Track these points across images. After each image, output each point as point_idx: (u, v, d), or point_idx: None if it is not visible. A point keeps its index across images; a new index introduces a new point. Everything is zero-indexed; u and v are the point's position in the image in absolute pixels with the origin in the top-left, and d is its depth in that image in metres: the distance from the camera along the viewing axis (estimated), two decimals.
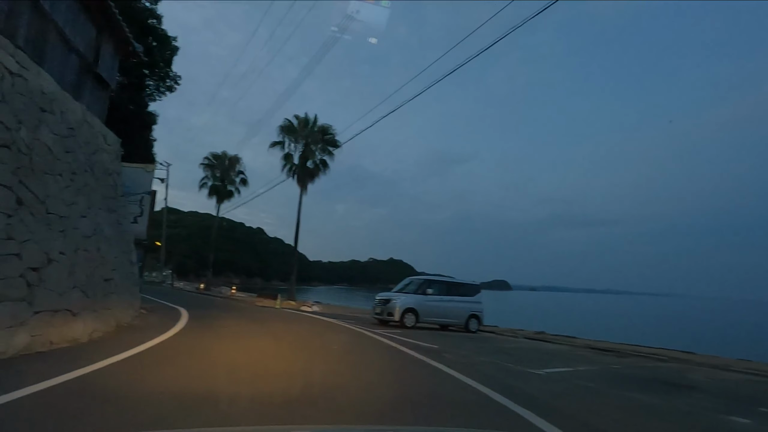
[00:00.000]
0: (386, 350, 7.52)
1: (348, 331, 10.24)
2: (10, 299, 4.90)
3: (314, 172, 26.22)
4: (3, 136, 5.46)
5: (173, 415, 3.07)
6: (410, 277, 14.39)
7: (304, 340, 8.19)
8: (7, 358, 4.63)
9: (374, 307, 12.84)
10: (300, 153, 26.31)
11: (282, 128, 26.27)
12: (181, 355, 5.75)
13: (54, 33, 7.58)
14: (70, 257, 6.31)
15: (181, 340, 6.99)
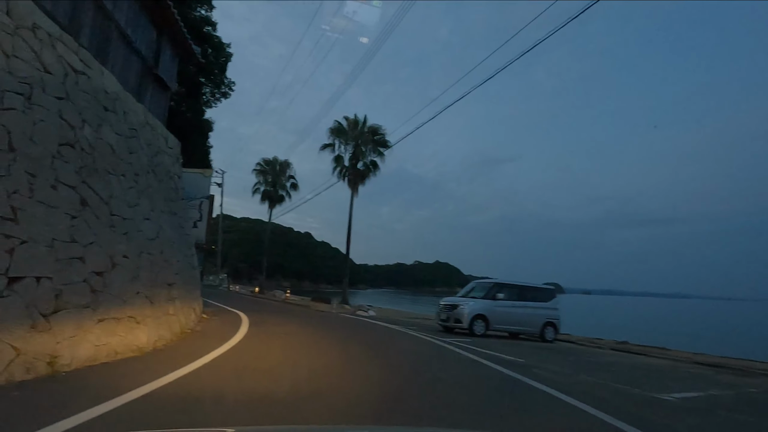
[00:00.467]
0: (467, 364, 6.64)
1: (416, 340, 9.43)
2: (75, 306, 4.57)
3: (365, 174, 25.80)
4: (66, 134, 5.20)
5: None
6: (476, 280, 13.39)
7: (377, 350, 7.46)
8: (72, 371, 4.27)
9: (439, 313, 11.97)
10: (350, 154, 26.06)
11: (332, 130, 26.14)
12: (248, 368, 5.22)
13: (116, 33, 7.44)
14: (133, 261, 6.01)
15: (248, 348, 6.53)
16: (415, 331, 11.50)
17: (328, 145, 26.29)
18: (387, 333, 10.53)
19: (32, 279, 4.12)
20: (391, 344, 8.26)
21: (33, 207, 4.35)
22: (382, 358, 6.56)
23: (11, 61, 4.62)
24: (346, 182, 25.73)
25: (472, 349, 8.33)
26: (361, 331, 10.99)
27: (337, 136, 26.17)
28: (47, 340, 4.11)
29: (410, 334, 10.37)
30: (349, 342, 8.38)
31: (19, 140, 4.40)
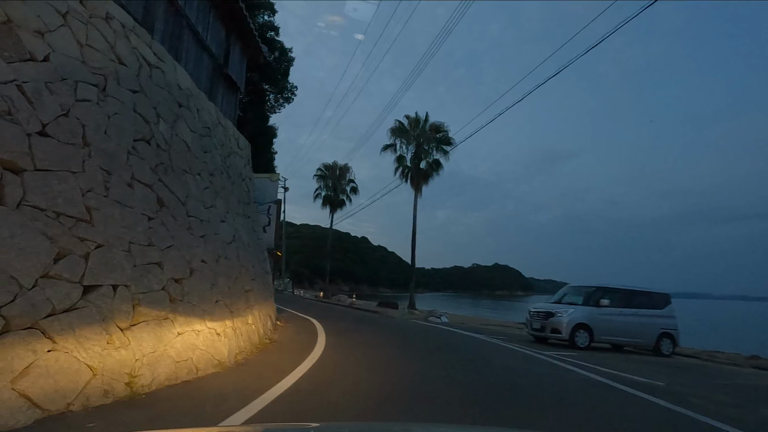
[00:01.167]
0: (600, 390, 5.32)
1: (515, 354, 8.16)
2: (154, 318, 4.07)
3: (428, 173, 24.84)
4: (142, 129, 4.79)
5: None
6: (569, 285, 11.88)
7: (480, 368, 6.34)
8: (152, 391, 3.74)
9: (530, 322, 10.67)
10: (412, 154, 25.22)
11: (392, 130, 25.49)
12: (345, 390, 4.47)
13: (188, 31, 7.16)
14: (211, 266, 5.53)
15: (335, 363, 5.83)
16: (503, 341, 10.30)
17: (389, 146, 25.68)
18: (476, 345, 9.38)
19: (109, 287, 3.64)
20: (491, 360, 7.07)
21: (108, 207, 3.90)
22: (490, 378, 5.48)
23: (85, 50, 4.25)
24: (408, 183, 24.94)
25: (587, 366, 7.01)
26: (448, 342, 9.97)
27: (398, 136, 25.48)
28: (126, 357, 3.61)
29: (503, 347, 9.16)
30: (444, 356, 7.39)
31: (93, 134, 3.99)
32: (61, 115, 3.68)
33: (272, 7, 17.25)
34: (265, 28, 16.86)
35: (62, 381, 3.04)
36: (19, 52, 3.48)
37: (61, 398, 3.01)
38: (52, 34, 3.87)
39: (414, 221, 24.44)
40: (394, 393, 4.38)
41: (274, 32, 17.46)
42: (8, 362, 2.76)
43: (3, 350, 2.75)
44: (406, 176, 25.01)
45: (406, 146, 25.52)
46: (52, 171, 3.43)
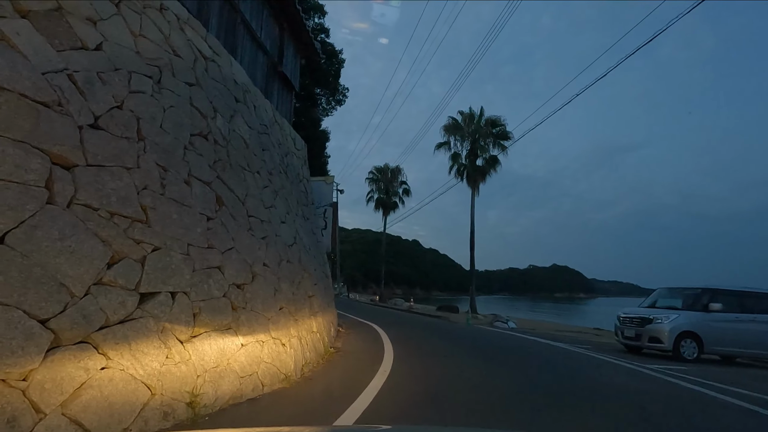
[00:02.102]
0: (752, 419, 4.27)
1: (616, 368, 6.95)
2: (216, 328, 3.66)
3: (485, 170, 23.66)
4: (198, 123, 4.46)
5: None
6: (664, 287, 10.41)
7: (582, 389, 5.48)
8: (215, 412, 3.31)
9: (620, 329, 9.40)
10: (467, 151, 24.17)
11: (446, 128, 24.62)
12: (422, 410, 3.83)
13: (242, 27, 6.91)
14: (274, 270, 5.12)
15: (409, 375, 5.21)
16: (590, 350, 9.13)
17: (443, 144, 24.80)
18: (562, 356, 8.27)
19: (167, 295, 3.26)
20: (591, 378, 5.94)
21: (165, 206, 3.54)
22: (605, 406, 4.50)
23: (139, 40, 3.97)
24: (464, 181, 23.88)
25: (711, 384, 5.82)
26: (526, 351, 9.01)
27: (451, 133, 24.55)
28: (186, 373, 3.20)
29: (596, 358, 8.00)
30: (530, 370, 6.54)
31: (148, 128, 3.67)
32: (114, 107, 3.37)
33: (322, 9, 17.19)
34: (315, 30, 16.78)
35: (117, 403, 2.65)
36: (69, 39, 3.20)
37: (116, 424, 2.62)
38: (105, 22, 3.60)
39: (472, 220, 23.34)
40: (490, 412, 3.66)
41: (324, 34, 17.38)
42: (58, 383, 2.40)
43: (53, 369, 2.39)
44: (462, 174, 23.98)
45: (460, 143, 24.56)
46: (105, 167, 3.10)
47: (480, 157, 23.80)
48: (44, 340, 2.38)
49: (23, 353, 2.27)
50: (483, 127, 23.76)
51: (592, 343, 10.89)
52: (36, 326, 2.36)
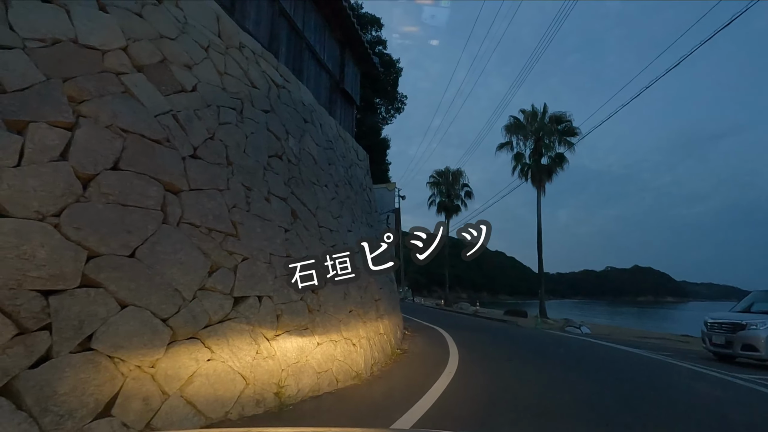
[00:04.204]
0: None
1: (694, 375, 6.61)
2: (295, 328, 4.11)
3: (551, 169, 22.75)
4: (274, 145, 5.00)
5: None
6: (761, 289, 9.40)
7: (646, 388, 5.32)
8: (298, 402, 3.73)
9: (707, 335, 8.67)
10: (531, 150, 23.41)
11: (507, 128, 24.05)
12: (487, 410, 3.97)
13: (307, 51, 7.51)
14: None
15: (473, 378, 5.34)
16: (673, 358, 8.53)
17: (505, 144, 24.23)
18: (638, 363, 7.85)
19: (255, 298, 3.76)
20: (670, 387, 5.68)
21: (250, 221, 4.07)
22: (685, 418, 4.29)
23: (224, 78, 4.59)
24: (529, 181, 23.13)
25: None
26: (597, 357, 8.69)
27: (513, 132, 23.93)
28: (273, 367, 3.66)
29: (677, 366, 7.48)
30: (599, 375, 6.37)
31: (234, 153, 4.23)
32: (208, 138, 3.96)
33: (378, 21, 17.77)
34: (372, 43, 17.39)
35: (220, 389, 3.15)
36: (172, 85, 3.84)
37: (220, 407, 3.11)
38: (198, 66, 4.23)
39: (539, 221, 22.53)
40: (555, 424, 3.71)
41: (381, 46, 17.94)
42: (176, 370, 2.93)
43: (172, 359, 2.93)
44: (526, 174, 23.25)
45: (523, 142, 23.83)
46: (203, 190, 3.67)
47: (545, 156, 22.94)
48: (166, 335, 2.93)
49: (152, 345, 2.82)
50: (547, 124, 22.87)
51: (676, 351, 10.09)
52: (159, 324, 2.91)
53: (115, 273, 2.78)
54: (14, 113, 2.65)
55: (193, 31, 4.37)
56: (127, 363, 2.67)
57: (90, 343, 2.56)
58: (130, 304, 2.79)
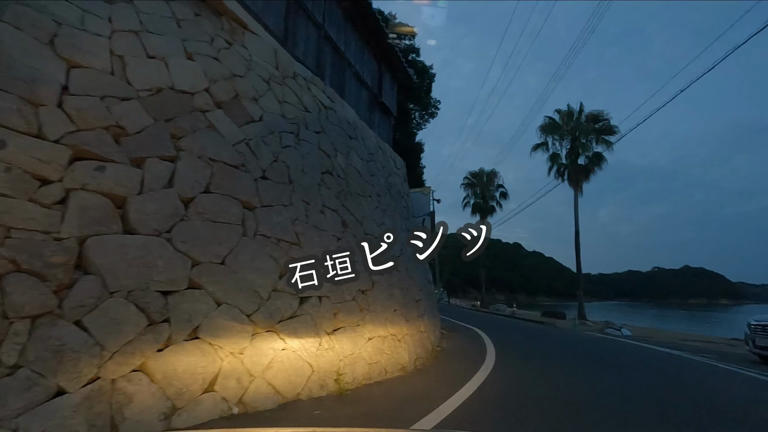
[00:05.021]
0: None
1: (735, 377, 6.65)
2: (349, 324, 4.70)
3: (588, 169, 22.41)
4: (325, 163, 5.63)
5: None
6: None
7: (682, 388, 5.51)
8: (354, 389, 4.31)
9: (750, 338, 8.57)
10: (567, 150, 23.16)
11: (542, 128, 23.90)
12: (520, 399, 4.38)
13: (348, 70, 8.13)
14: (387, 278, 6.09)
15: (510, 373, 5.74)
16: (716, 360, 8.51)
17: (540, 145, 24.07)
18: (677, 364, 7.93)
19: (316, 298, 4.37)
20: (708, 388, 5.77)
21: (309, 231, 4.69)
22: (723, 419, 4.45)
23: (283, 106, 5.25)
24: (566, 181, 22.90)
25: None
26: (634, 357, 8.80)
27: (548, 133, 23.75)
28: (332, 357, 4.25)
29: (719, 368, 7.54)
30: (634, 374, 6.58)
31: (294, 173, 4.88)
32: (273, 161, 4.62)
33: (412, 30, 18.27)
34: (406, 51, 17.93)
35: (292, 374, 3.76)
36: (244, 117, 4.52)
37: (292, 389, 3.73)
38: (262, 98, 4.91)
39: (576, 222, 22.25)
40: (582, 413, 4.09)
41: (414, 54, 18.44)
42: (259, 357, 3.57)
43: (255, 347, 3.57)
44: (562, 175, 23.01)
45: (559, 142, 23.59)
46: (271, 206, 4.32)
47: (582, 156, 22.61)
48: (250, 328, 3.57)
49: (240, 336, 3.46)
50: (584, 123, 22.53)
51: (719, 353, 9.94)
52: (245, 319, 3.56)
53: (212, 277, 3.46)
54: (135, 151, 3.37)
55: (257, 67, 5.06)
56: (223, 350, 3.33)
57: (197, 333, 3.23)
58: (223, 302, 3.45)
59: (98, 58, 3.41)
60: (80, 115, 3.13)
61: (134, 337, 2.88)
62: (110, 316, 2.83)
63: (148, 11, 4.00)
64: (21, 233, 2.64)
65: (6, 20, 2.99)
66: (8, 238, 2.59)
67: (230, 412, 3.19)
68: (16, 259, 2.58)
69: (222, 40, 4.70)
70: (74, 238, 2.84)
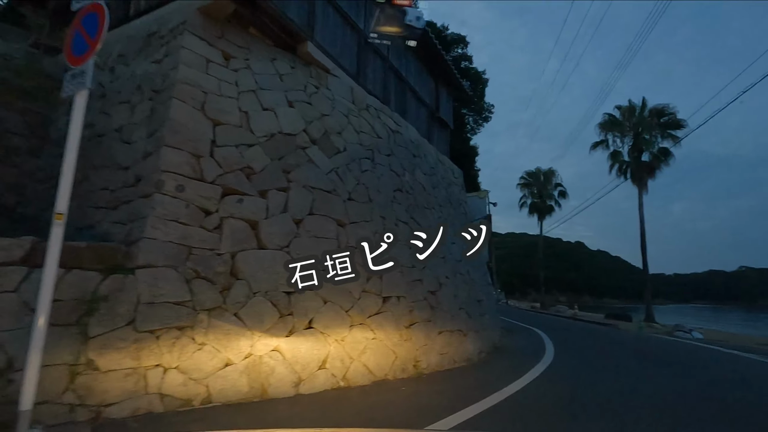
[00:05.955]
0: None
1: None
2: (422, 320, 5.54)
3: (653, 165, 21.51)
4: (396, 181, 6.53)
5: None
6: None
7: (750, 389, 5.72)
8: (429, 374, 5.14)
9: None
10: (629, 147, 22.38)
11: (601, 125, 23.27)
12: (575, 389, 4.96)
13: (409, 92, 9.00)
14: (452, 281, 6.87)
15: (567, 368, 6.27)
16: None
17: (599, 143, 23.43)
18: (743, 365, 7.98)
19: (395, 298, 5.26)
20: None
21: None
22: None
23: (360, 135, 6.22)
24: (628, 179, 22.14)
25: None
26: (699, 359, 8.82)
27: (609, 130, 23.06)
28: (410, 347, 5.12)
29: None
30: (696, 372, 6.82)
31: (372, 193, 5.81)
32: (356, 184, 5.59)
33: (464, 39, 18.84)
34: (459, 59, 18.50)
35: (381, 359, 4.67)
36: (332, 149, 5.52)
37: (381, 370, 4.64)
38: (344, 131, 5.90)
39: (641, 222, 21.45)
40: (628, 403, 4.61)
41: (467, 61, 18.96)
42: (355, 344, 4.51)
43: (353, 336, 4.52)
44: (625, 173, 22.26)
45: (620, 139, 22.83)
46: (357, 222, 5.28)
47: (646, 152, 21.74)
48: (348, 321, 4.53)
49: (342, 327, 4.43)
50: (647, 118, 21.65)
51: None
52: (344, 314, 4.52)
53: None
54: (260, 186, 4.45)
55: (339, 105, 6.05)
56: (330, 337, 4.30)
57: (312, 324, 4.22)
58: (329, 300, 4.44)
59: (232, 116, 4.54)
60: (225, 161, 4.26)
61: (271, 326, 3.92)
62: (255, 310, 3.89)
63: (260, 72, 5.11)
64: (198, 251, 3.77)
65: (176, 96, 4.17)
66: (191, 254, 3.72)
67: (338, 385, 4.15)
68: (197, 269, 3.71)
69: (312, 86, 5.74)
70: (228, 253, 3.94)
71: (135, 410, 3.08)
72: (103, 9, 3.10)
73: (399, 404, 3.92)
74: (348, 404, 3.82)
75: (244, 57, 4.97)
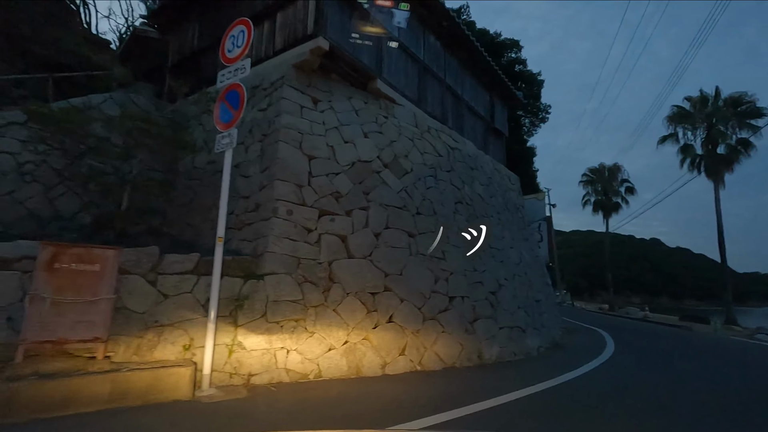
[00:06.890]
0: None
1: None
2: (484, 317, 6.30)
3: (730, 158, 20.10)
4: (456, 194, 7.33)
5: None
6: None
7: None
8: (491, 364, 5.89)
9: None
10: (702, 139, 21.08)
11: (670, 118, 22.10)
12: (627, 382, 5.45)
13: (465, 108, 9.73)
14: (510, 282, 7.53)
15: (622, 365, 6.69)
16: None
17: (668, 137, 22.24)
18: None
19: (459, 298, 6.07)
20: None
21: (451, 250, 6.43)
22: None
23: (424, 156, 7.10)
24: (702, 173, 20.86)
25: None
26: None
27: (678, 122, 21.84)
28: (474, 340, 5.91)
29: None
30: (753, 373, 6.90)
31: (436, 206, 6.67)
32: (423, 200, 6.48)
33: (517, 44, 19.05)
34: (512, 64, 18.75)
35: (449, 350, 5.51)
36: (401, 171, 6.45)
37: (450, 359, 5.48)
38: (410, 154, 6.81)
39: (718, 218, 20.11)
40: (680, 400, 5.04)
41: (521, 65, 19.14)
42: (427, 336, 5.39)
43: (425, 330, 5.40)
44: (698, 167, 21.00)
45: (691, 132, 21.55)
46: (424, 233, 6.17)
47: (722, 144, 20.36)
48: (420, 317, 5.42)
49: (415, 322, 5.33)
50: (722, 108, 20.27)
51: None
52: (417, 311, 5.42)
53: (396, 284, 5.39)
54: (346, 206, 5.48)
55: (405, 130, 6.98)
56: (407, 330, 5.22)
57: (392, 319, 5.17)
58: (405, 299, 5.36)
59: (322, 150, 5.62)
60: (319, 188, 5.34)
61: (361, 320, 4.92)
62: (348, 308, 4.91)
63: (340, 110, 6.17)
64: (304, 261, 4.86)
65: (281, 139, 5.32)
66: (300, 264, 4.81)
67: (415, 369, 5.06)
68: (305, 275, 4.80)
69: (381, 116, 6.72)
70: (326, 262, 5.00)
71: (270, 379, 4.19)
72: (242, 87, 4.28)
73: (464, 383, 4.73)
74: (425, 383, 4.70)
75: (327, 99, 6.06)
